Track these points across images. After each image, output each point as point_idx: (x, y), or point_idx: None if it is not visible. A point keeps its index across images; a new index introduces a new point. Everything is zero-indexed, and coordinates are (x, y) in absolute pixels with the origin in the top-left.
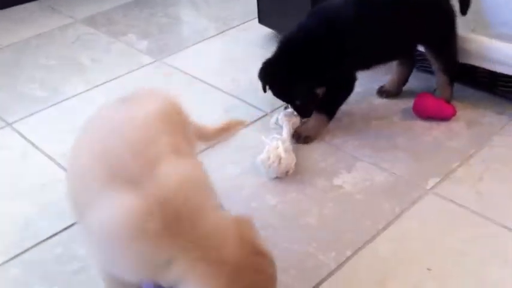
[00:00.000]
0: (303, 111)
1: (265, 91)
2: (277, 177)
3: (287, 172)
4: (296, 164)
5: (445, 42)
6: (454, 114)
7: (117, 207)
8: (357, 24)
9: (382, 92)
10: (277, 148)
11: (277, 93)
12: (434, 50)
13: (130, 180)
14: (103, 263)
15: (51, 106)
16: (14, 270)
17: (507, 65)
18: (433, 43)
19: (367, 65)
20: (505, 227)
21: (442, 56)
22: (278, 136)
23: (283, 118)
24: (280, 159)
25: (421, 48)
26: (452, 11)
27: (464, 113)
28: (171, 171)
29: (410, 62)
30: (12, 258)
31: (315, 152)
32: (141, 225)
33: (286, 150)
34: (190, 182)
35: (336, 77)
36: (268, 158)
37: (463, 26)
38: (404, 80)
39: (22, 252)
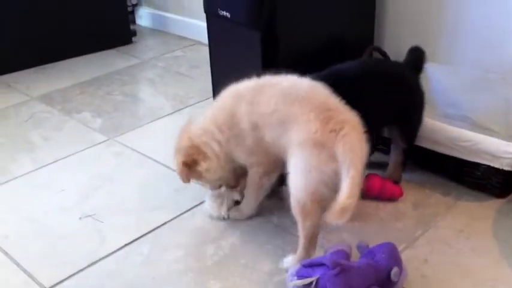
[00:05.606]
0: None
1: None
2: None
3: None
4: (241, 245)
5: (417, 122)
6: (401, 195)
7: None
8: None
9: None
10: None
11: None
12: (404, 130)
13: None
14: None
15: None
16: None
17: (450, 147)
18: (406, 123)
19: None
20: None
21: (409, 135)
22: None
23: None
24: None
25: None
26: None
27: (411, 193)
28: None
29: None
30: None
31: (262, 233)
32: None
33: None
34: None
35: None
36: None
37: None
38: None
39: None
